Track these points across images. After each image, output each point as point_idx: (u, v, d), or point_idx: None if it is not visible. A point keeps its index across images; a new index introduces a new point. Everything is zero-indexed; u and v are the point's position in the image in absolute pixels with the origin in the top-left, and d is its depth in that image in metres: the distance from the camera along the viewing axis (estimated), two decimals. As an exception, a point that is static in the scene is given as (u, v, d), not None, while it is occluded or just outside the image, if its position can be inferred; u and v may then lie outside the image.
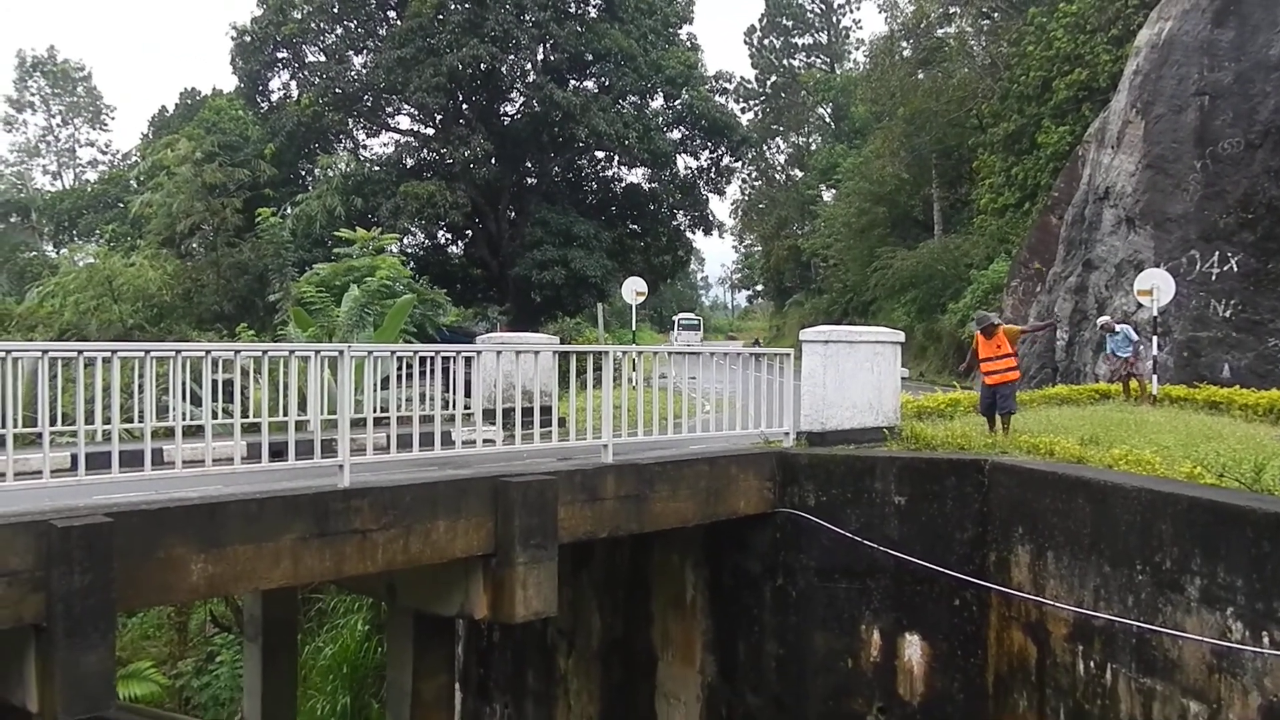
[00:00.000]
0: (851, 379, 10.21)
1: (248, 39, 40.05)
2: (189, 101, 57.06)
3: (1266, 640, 6.25)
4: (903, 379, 11.39)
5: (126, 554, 6.06)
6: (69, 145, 71.30)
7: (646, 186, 44.51)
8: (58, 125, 70.86)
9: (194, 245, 30.36)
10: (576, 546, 9.25)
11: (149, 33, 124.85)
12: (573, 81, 41.18)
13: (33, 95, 69.73)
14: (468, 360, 9.55)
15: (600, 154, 43.22)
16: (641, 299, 23.40)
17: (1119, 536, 7.42)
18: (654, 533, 9.29)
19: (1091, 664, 7.64)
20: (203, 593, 7.06)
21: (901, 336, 11.08)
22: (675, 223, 46.09)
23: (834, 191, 57.63)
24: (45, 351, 6.86)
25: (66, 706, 5.82)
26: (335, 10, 40.07)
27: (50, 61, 69.53)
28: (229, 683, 16.53)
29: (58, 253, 50.31)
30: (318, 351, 8.21)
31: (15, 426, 6.49)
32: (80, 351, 6.77)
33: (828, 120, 67.01)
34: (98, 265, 26.38)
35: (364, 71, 39.79)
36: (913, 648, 8.97)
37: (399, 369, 11.79)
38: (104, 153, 71.69)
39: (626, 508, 8.66)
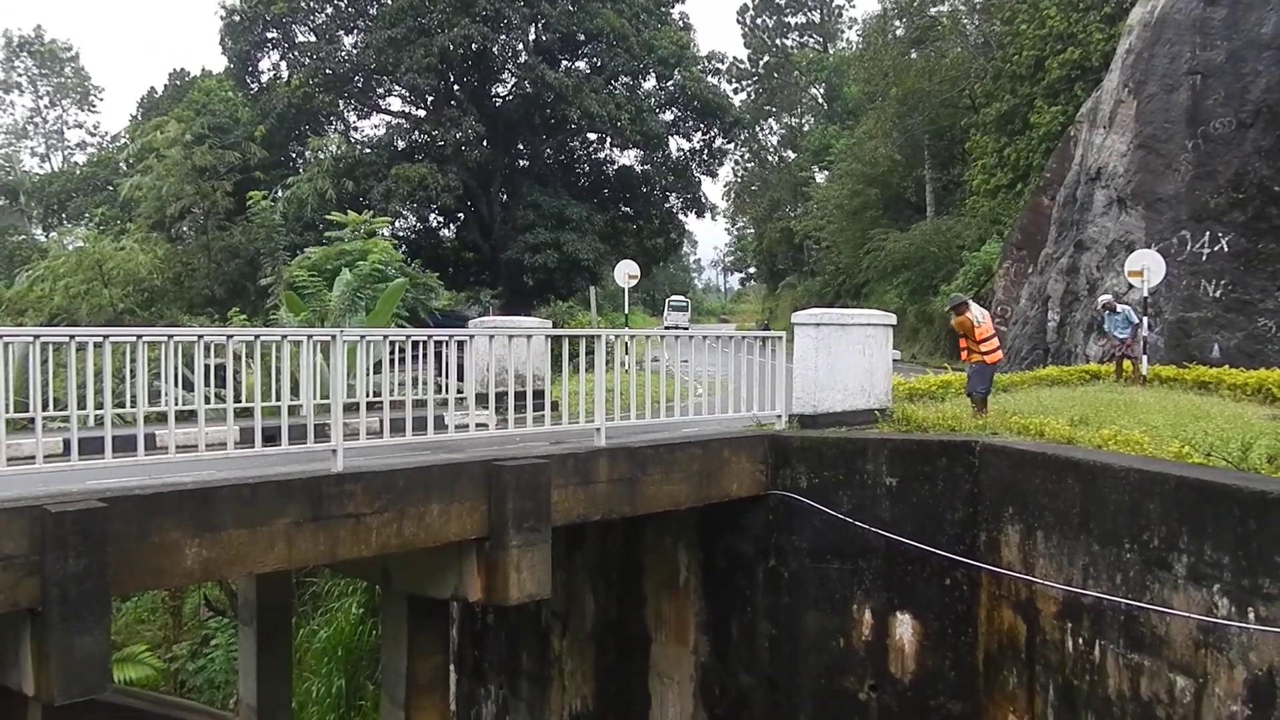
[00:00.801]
0: (843, 362, 10.23)
1: (237, 19, 39.75)
2: (178, 83, 56.63)
3: (1252, 616, 6.33)
4: (894, 361, 11.42)
5: (120, 539, 6.09)
6: (57, 127, 70.87)
7: (639, 169, 44.36)
8: (45, 106, 70.39)
9: (184, 229, 30.20)
10: (570, 529, 9.29)
11: (137, 13, 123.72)
12: (564, 62, 40.94)
13: (20, 76, 69.22)
14: (460, 344, 9.54)
15: (592, 136, 43.04)
16: (634, 282, 23.42)
17: (1108, 515, 7.48)
18: (647, 515, 9.32)
19: (1080, 641, 7.72)
20: (197, 577, 7.08)
21: (893, 319, 11.11)
22: (667, 205, 45.99)
23: (826, 173, 57.56)
24: (37, 336, 6.87)
25: (62, 689, 5.86)
26: (325, -12, 39.89)
27: (37, 41, 68.89)
28: (224, 666, 16.59)
29: (47, 236, 50.03)
30: (310, 336, 8.22)
31: (7, 412, 6.47)
32: (72, 336, 6.75)
33: (820, 101, 66.80)
34: (87, 249, 26.23)
35: (354, 52, 39.51)
36: (904, 627, 9.05)
37: (391, 353, 11.78)
38: (92, 135, 71.40)
39: (619, 491, 8.69)
